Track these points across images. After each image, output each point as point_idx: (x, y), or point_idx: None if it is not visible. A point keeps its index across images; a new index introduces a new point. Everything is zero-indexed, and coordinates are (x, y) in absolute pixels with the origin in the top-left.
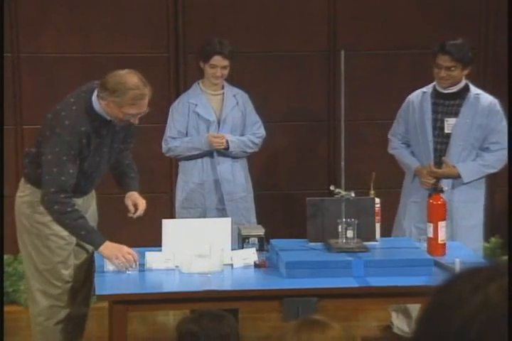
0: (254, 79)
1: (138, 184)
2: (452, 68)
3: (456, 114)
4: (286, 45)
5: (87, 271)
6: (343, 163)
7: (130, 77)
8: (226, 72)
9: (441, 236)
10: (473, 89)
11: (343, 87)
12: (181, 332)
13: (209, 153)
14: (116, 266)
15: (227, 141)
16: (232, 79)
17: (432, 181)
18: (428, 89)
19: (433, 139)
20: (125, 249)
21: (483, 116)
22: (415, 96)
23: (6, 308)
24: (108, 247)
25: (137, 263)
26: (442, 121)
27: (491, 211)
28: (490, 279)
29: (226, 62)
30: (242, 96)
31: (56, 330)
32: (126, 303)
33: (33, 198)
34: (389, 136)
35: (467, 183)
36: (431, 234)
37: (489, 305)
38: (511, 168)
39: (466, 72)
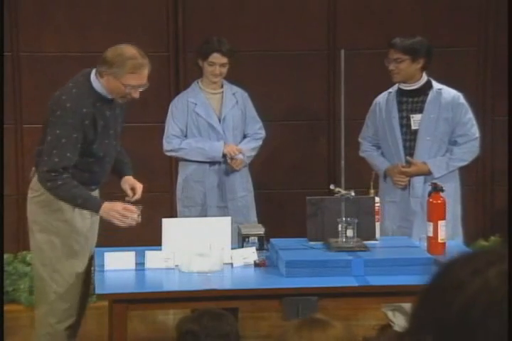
0: (253, 79)
1: (131, 169)
2: (399, 60)
3: (421, 111)
4: (285, 44)
5: (88, 272)
6: (343, 162)
7: (128, 49)
8: (225, 70)
9: (441, 235)
10: (436, 85)
11: (342, 85)
12: (181, 331)
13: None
14: (119, 224)
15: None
16: (232, 79)
17: (405, 180)
18: (393, 89)
19: (401, 137)
20: (119, 206)
21: (447, 110)
22: (381, 97)
23: (6, 307)
24: (104, 210)
25: (138, 215)
26: (408, 118)
27: (490, 210)
28: (489, 263)
29: (225, 60)
30: (242, 94)
31: (64, 334)
32: (126, 302)
33: (50, 195)
34: (359, 140)
35: (438, 178)
36: (431, 233)
37: (489, 289)
38: (511, 167)
39: (417, 65)
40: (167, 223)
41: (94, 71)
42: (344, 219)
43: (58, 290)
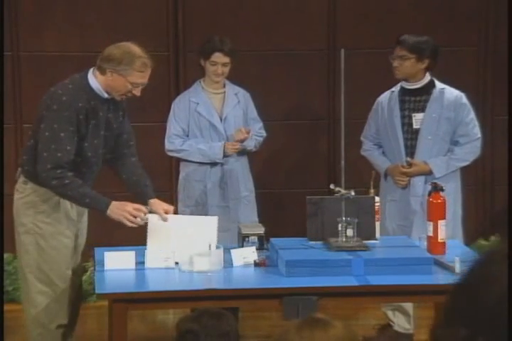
0: (254, 78)
1: (153, 192)
2: (404, 57)
3: (423, 109)
4: (286, 43)
5: (78, 272)
6: (343, 162)
7: (134, 47)
8: (227, 69)
9: (441, 234)
10: (439, 85)
11: (342, 85)
12: (181, 331)
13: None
14: (128, 224)
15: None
16: (232, 78)
17: (406, 179)
18: (396, 88)
19: (403, 135)
20: (129, 205)
21: (450, 109)
22: (384, 96)
23: (6, 307)
24: (113, 210)
25: (145, 214)
26: (410, 117)
27: (490, 210)
28: None
29: (227, 59)
30: (244, 95)
31: (58, 334)
32: (126, 302)
33: (35, 197)
34: (361, 138)
35: (439, 178)
36: (431, 233)
37: None
38: (511, 167)
39: (422, 65)
40: (153, 219)
41: (91, 70)
42: (344, 218)
43: (44, 290)
